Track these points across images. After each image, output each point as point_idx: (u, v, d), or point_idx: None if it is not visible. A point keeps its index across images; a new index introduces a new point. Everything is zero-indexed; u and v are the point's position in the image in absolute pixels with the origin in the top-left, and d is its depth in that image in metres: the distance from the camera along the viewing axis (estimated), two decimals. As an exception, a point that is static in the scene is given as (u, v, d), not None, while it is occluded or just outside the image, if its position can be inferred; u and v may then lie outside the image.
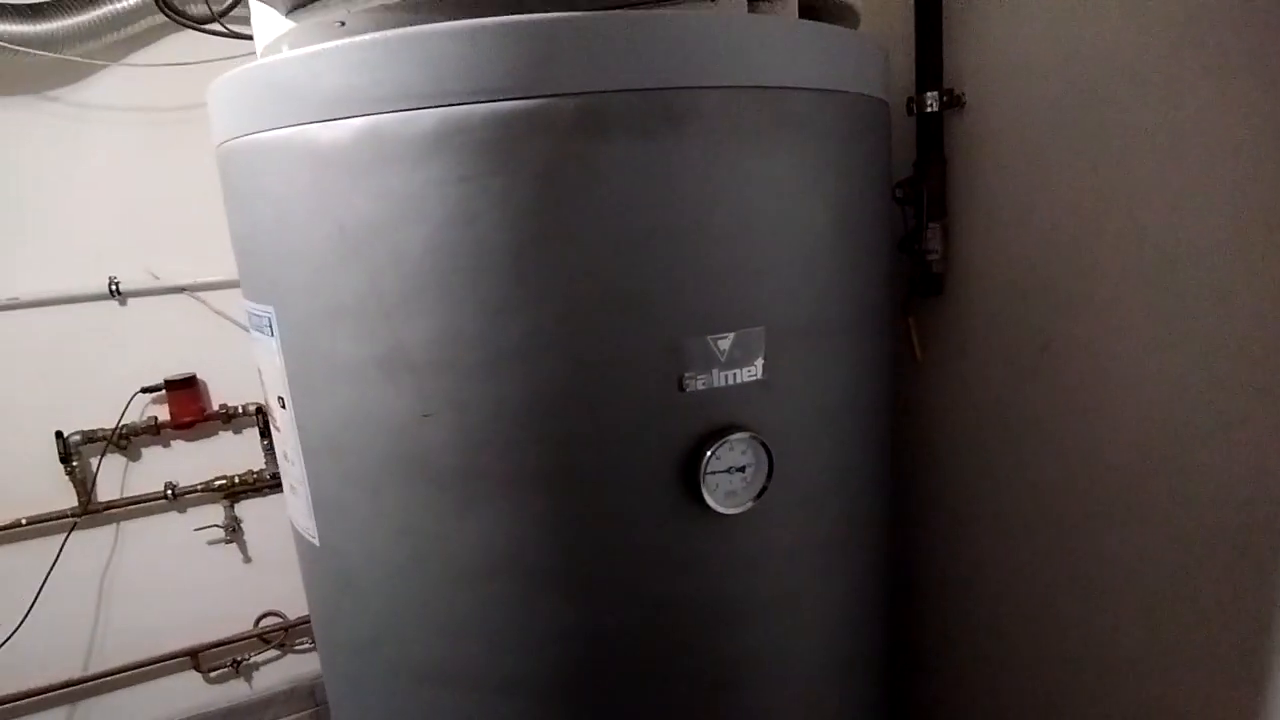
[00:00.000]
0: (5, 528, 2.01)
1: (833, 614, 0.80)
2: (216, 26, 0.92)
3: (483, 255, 0.62)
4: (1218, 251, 0.73)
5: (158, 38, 2.03)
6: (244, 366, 2.17)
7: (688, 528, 0.68)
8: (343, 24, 0.70)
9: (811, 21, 0.70)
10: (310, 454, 0.75)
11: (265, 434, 2.21)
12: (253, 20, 0.78)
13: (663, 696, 0.72)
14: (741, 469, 0.67)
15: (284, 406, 0.76)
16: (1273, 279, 0.69)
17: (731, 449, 0.66)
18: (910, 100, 0.96)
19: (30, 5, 1.76)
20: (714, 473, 0.66)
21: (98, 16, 1.84)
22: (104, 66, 1.97)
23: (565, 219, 0.61)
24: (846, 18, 0.82)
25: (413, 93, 0.60)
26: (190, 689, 2.27)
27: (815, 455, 0.73)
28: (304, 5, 0.68)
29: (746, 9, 0.68)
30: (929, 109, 0.93)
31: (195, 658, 2.23)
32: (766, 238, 0.66)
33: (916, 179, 0.96)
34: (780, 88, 0.65)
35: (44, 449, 2.03)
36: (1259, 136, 0.68)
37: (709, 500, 0.66)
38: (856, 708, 0.85)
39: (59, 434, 2.03)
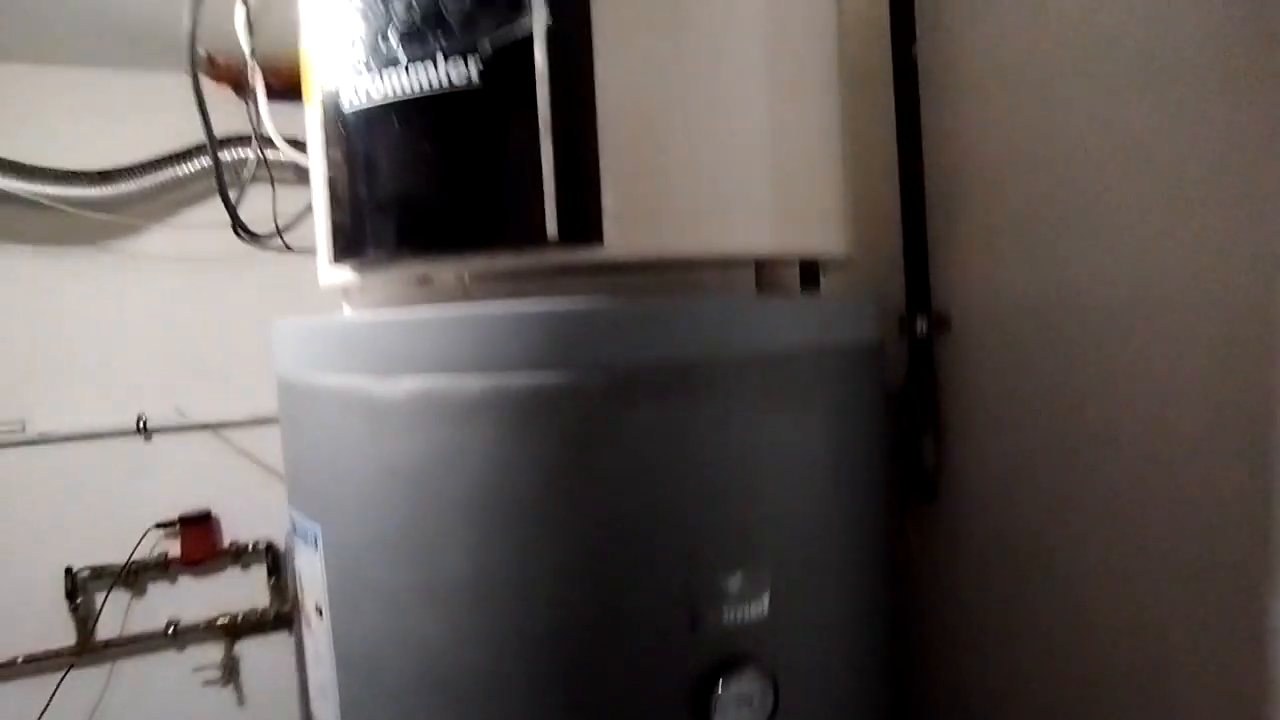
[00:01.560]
0: (2, 666, 2.01)
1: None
2: (278, 242, 1.04)
3: (517, 501, 0.70)
4: (1189, 465, 0.81)
5: (208, 198, 2.22)
6: (259, 503, 2.24)
7: (697, 758, 0.72)
8: (404, 280, 0.82)
9: (812, 296, 0.81)
10: (344, 663, 0.80)
11: (273, 571, 2.24)
12: (319, 263, 0.90)
13: None
14: (749, 701, 0.72)
15: (321, 615, 0.82)
16: (1241, 483, 0.76)
17: (740, 682, 0.72)
18: (902, 319, 1.07)
19: (100, 172, 1.95)
20: (725, 706, 0.71)
21: (158, 181, 2.02)
22: (154, 225, 2.15)
23: (592, 473, 0.69)
24: (840, 265, 0.94)
25: (464, 361, 0.70)
26: (168, 844, 2.19)
27: (818, 678, 0.79)
28: (370, 268, 0.79)
29: (754, 282, 0.80)
30: (919, 332, 1.04)
31: (178, 809, 2.17)
32: (771, 483, 0.75)
33: (908, 391, 1.06)
34: (784, 354, 0.75)
35: (53, 583, 2.07)
36: (1223, 364, 0.77)
37: (717, 733, 0.71)
38: None
39: (68, 570, 2.06)
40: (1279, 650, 0.74)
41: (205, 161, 2.06)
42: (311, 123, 0.83)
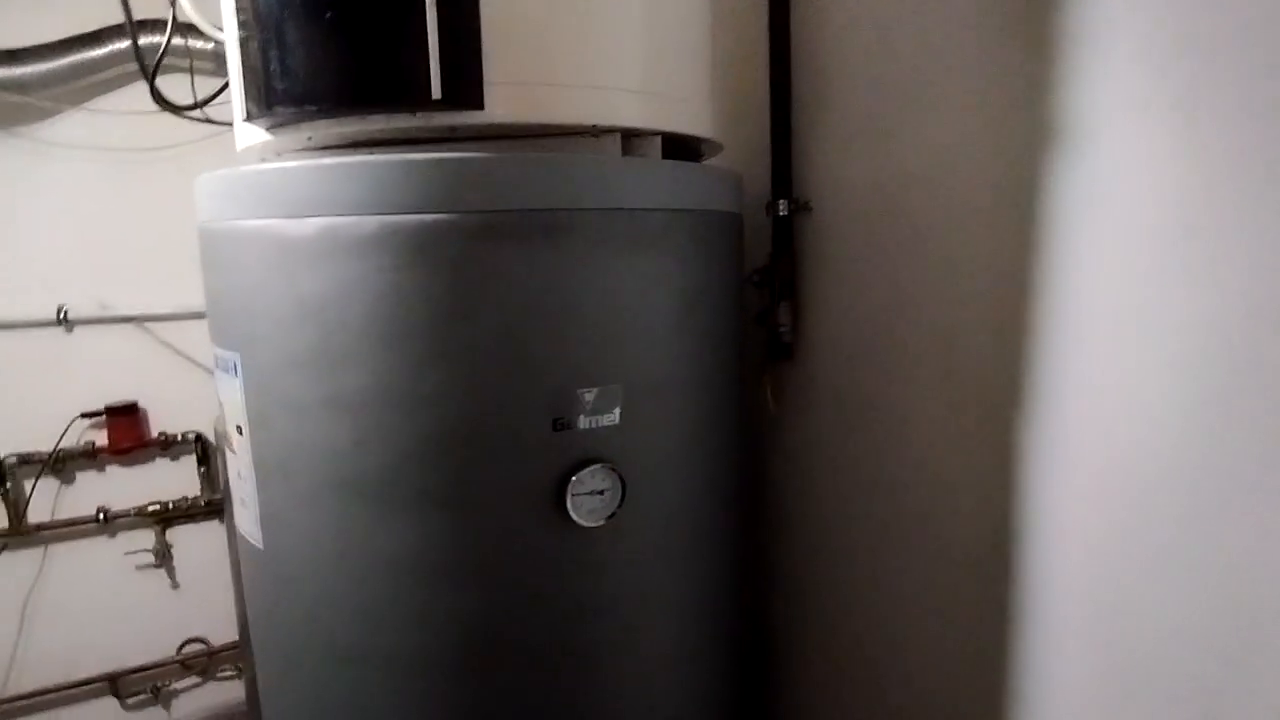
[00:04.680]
0: (-67, 546, 2.11)
1: (681, 611, 1.05)
2: (198, 114, 1.15)
3: (407, 324, 0.87)
4: (970, 340, 1.02)
5: (122, 85, 2.25)
6: (186, 396, 2.35)
7: (557, 537, 0.92)
8: (309, 139, 0.96)
9: (670, 161, 0.98)
10: (262, 473, 0.97)
11: (203, 461, 2.37)
12: (235, 125, 1.03)
13: (539, 673, 0.96)
14: (600, 492, 0.92)
15: (241, 433, 0.99)
16: (1001, 366, 0.98)
17: (593, 476, 0.92)
18: (767, 205, 1.25)
19: (7, 51, 1.97)
20: (578, 494, 0.91)
21: (69, 63, 2.05)
22: (68, 109, 2.17)
23: (468, 301, 0.87)
24: (709, 148, 1.11)
25: (362, 203, 0.85)
26: (107, 715, 2.37)
27: (664, 484, 0.99)
28: (280, 126, 0.93)
29: (620, 151, 0.96)
30: (780, 213, 1.23)
31: (114, 683, 2.34)
32: (623, 318, 0.93)
33: (770, 267, 1.25)
34: (639, 209, 0.93)
35: (-22, 470, 2.15)
36: (1003, 259, 0.97)
37: (573, 515, 0.91)
38: (702, 691, 1.09)
39: (-5, 455, 2.15)
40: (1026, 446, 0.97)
41: (119, 45, 2.09)
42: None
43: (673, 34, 1.00)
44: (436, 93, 0.84)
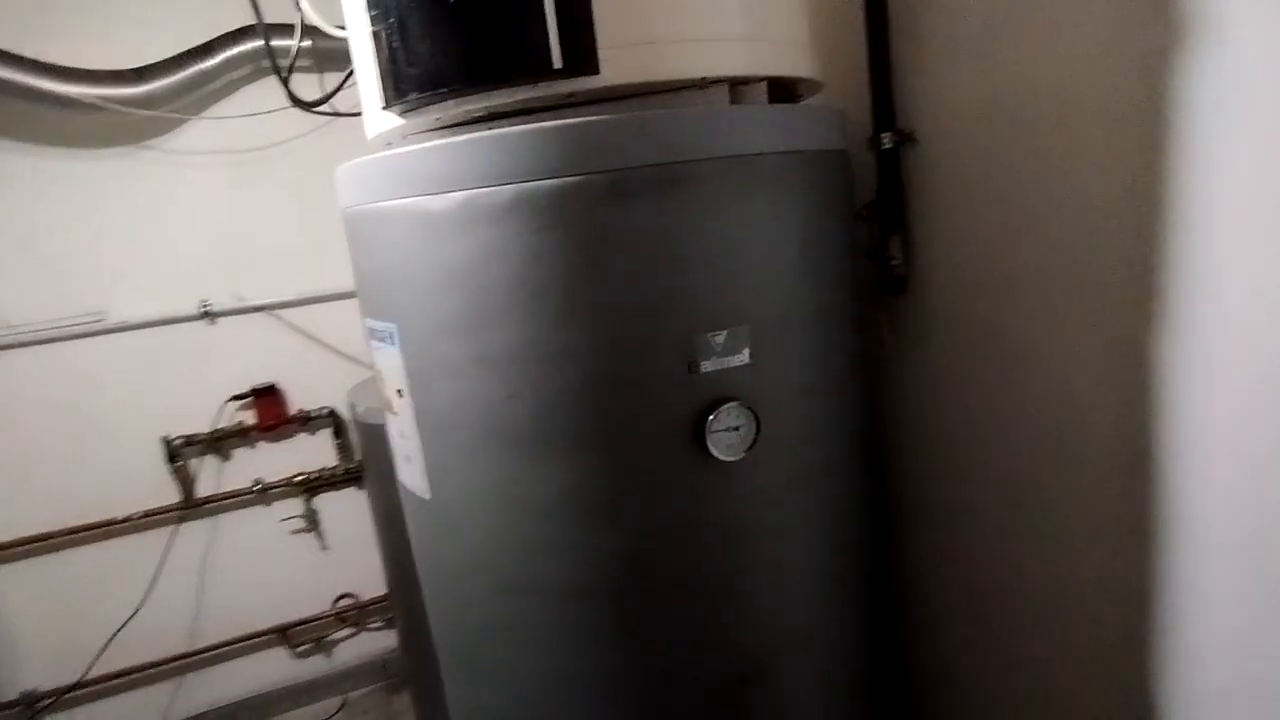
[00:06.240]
0: (124, 521, 2.39)
1: (815, 538, 1.10)
2: (326, 108, 1.24)
3: (546, 284, 0.93)
4: (1103, 257, 1.01)
5: (234, 91, 2.41)
6: (317, 375, 2.54)
7: (698, 472, 0.99)
8: (438, 119, 1.03)
9: (777, 105, 1.00)
10: (425, 430, 1.07)
11: (337, 434, 2.57)
12: (365, 114, 1.11)
13: (684, 602, 1.03)
14: (736, 428, 0.98)
15: (402, 396, 1.09)
16: (1136, 282, 0.97)
17: (728, 414, 0.97)
18: (870, 139, 1.25)
19: (134, 70, 2.14)
20: (715, 431, 0.97)
21: (187, 76, 2.21)
22: (190, 119, 2.34)
23: (600, 258, 0.93)
24: (806, 87, 1.12)
25: (497, 174, 0.92)
26: (280, 662, 2.64)
27: (794, 418, 1.04)
28: (413, 110, 1.00)
29: (729, 99, 0.99)
30: (885, 146, 1.22)
31: (284, 634, 2.60)
32: (747, 261, 0.97)
33: (879, 201, 1.25)
34: (753, 154, 0.96)
35: (152, 452, 2.41)
36: (1136, 170, 0.96)
37: (712, 451, 0.97)
38: (840, 615, 1.15)
39: (165, 439, 2.40)
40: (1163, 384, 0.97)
41: (229, 53, 2.23)
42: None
43: (771, -24, 1.01)
44: (557, 63, 0.89)
